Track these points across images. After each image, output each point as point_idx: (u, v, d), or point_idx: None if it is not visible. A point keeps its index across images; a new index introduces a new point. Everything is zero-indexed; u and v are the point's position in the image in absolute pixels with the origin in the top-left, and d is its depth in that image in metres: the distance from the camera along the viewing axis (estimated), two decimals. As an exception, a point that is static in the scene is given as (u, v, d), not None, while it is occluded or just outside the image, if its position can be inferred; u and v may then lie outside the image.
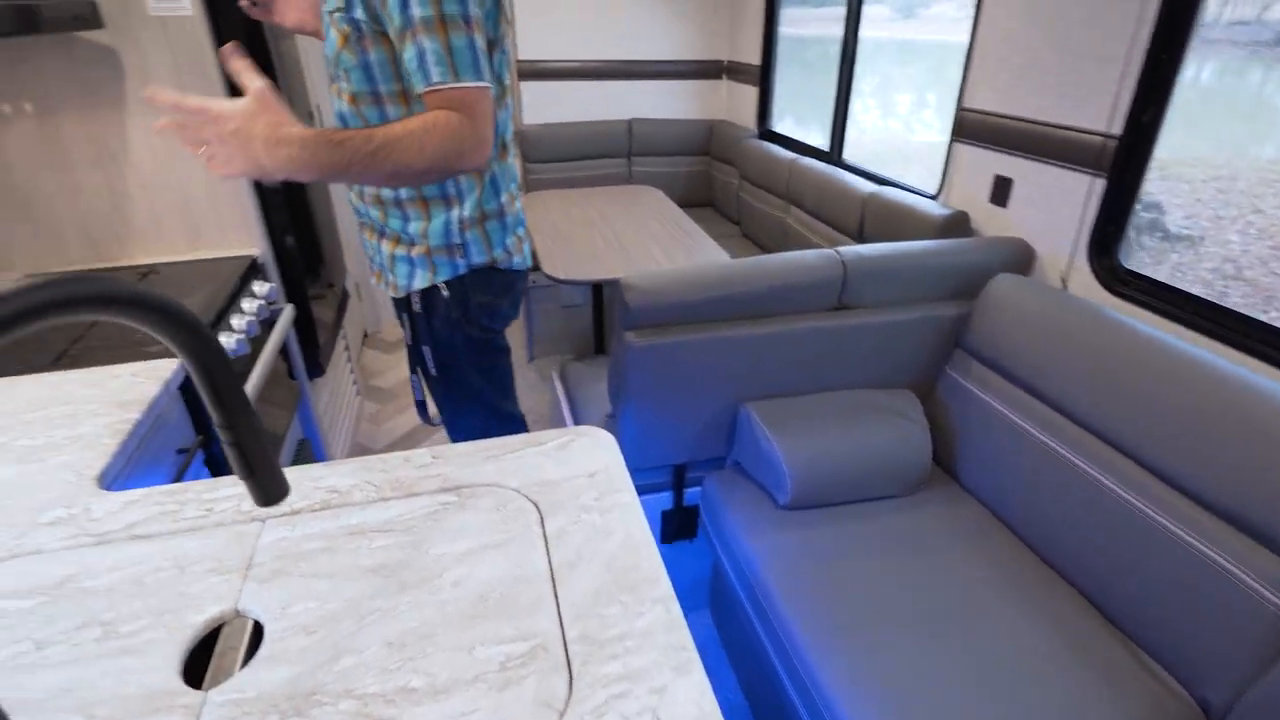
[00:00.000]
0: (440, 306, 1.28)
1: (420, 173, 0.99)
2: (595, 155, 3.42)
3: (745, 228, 3.22)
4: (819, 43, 5.26)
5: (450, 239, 1.22)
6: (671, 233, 2.35)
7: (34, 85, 1.50)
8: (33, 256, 1.65)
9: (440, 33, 0.96)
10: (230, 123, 0.89)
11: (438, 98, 0.98)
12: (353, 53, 1.06)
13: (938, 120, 9.70)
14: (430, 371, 1.37)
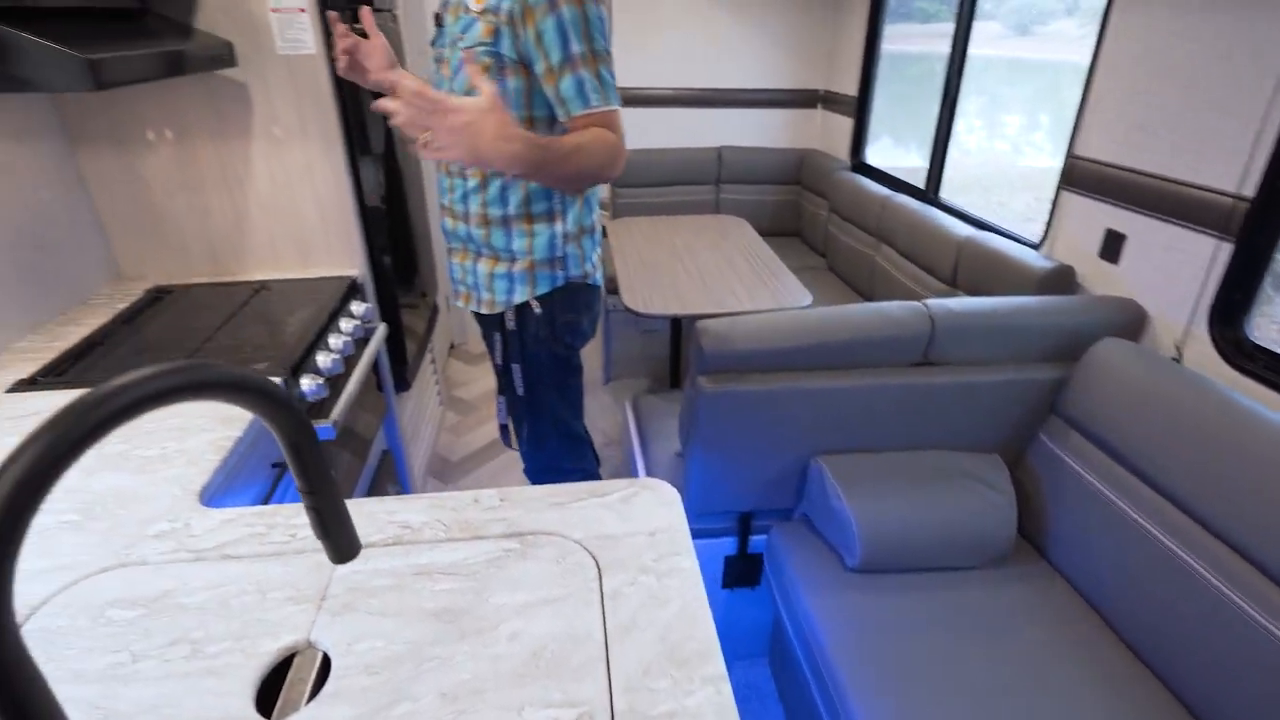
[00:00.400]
0: (531, 324, 1.37)
1: (589, 176, 1.16)
2: (684, 181, 3.44)
3: (832, 261, 3.15)
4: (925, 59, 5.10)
5: (554, 252, 1.33)
6: (755, 269, 2.33)
7: (176, 116, 1.65)
8: (163, 268, 1.81)
9: (593, 65, 1.13)
10: (464, 116, 0.99)
11: (592, 119, 1.14)
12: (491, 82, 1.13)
13: (1049, 143, 9.17)
14: (517, 390, 1.44)
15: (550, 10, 1.11)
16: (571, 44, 1.12)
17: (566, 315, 1.38)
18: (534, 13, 1.11)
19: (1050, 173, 1.83)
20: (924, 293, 2.29)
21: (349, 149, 1.77)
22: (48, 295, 1.55)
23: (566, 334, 1.40)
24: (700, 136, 3.50)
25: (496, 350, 1.44)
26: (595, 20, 1.14)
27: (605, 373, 3.12)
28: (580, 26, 1.12)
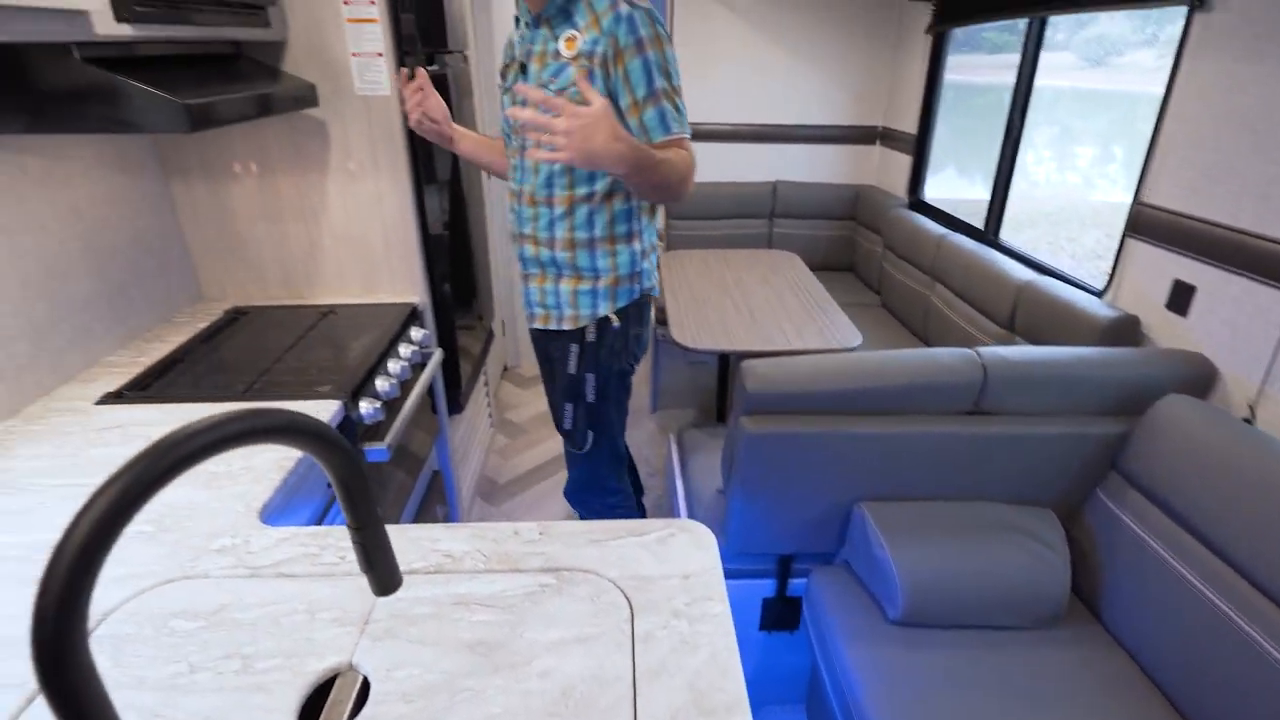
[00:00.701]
0: (609, 336, 1.52)
1: (672, 186, 1.30)
2: (737, 215, 3.47)
3: (885, 298, 3.11)
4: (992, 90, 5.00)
5: (634, 268, 1.51)
6: (806, 307, 2.32)
7: (261, 151, 1.77)
8: (242, 290, 1.93)
9: (672, 98, 1.32)
10: (584, 119, 1.14)
11: (670, 143, 1.32)
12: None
13: (1124, 176, 8.81)
14: (588, 398, 1.57)
15: (638, 53, 1.28)
16: (655, 80, 1.29)
17: (636, 328, 1.55)
18: (624, 55, 1.28)
19: (1122, 208, 1.78)
20: (980, 336, 2.23)
21: (416, 181, 1.86)
22: (138, 313, 1.67)
23: (635, 346, 1.57)
24: (755, 171, 3.53)
25: (571, 361, 1.56)
26: (672, 60, 1.32)
27: (653, 401, 3.14)
28: (662, 66, 1.30)
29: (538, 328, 1.59)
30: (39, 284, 1.39)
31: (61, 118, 1.17)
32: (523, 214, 1.51)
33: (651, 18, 1.28)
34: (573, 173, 1.41)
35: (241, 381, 1.46)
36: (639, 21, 1.27)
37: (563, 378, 1.59)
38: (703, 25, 3.27)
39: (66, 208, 1.46)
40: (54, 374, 1.42)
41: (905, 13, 3.17)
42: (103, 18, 1.07)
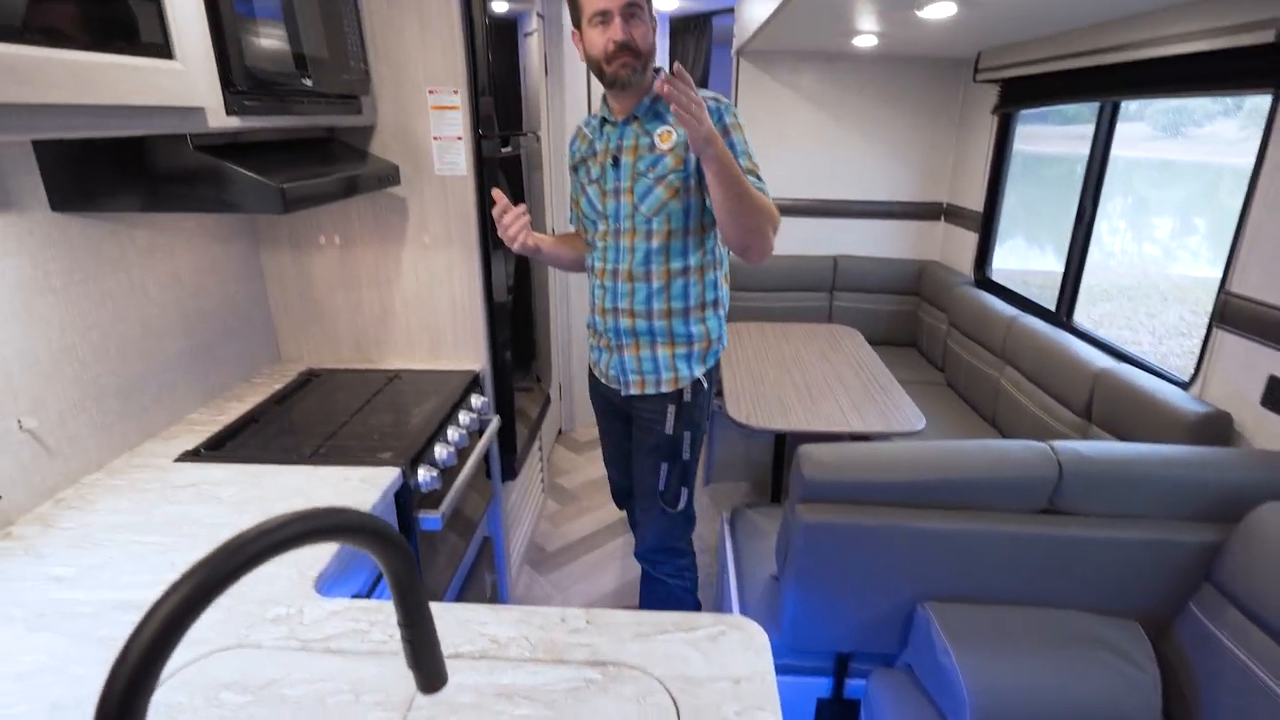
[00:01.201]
0: (700, 395, 1.65)
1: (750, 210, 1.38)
2: (797, 288, 3.46)
3: (951, 377, 3.01)
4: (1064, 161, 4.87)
5: (720, 331, 1.66)
6: (866, 387, 2.27)
7: (345, 225, 1.89)
8: (316, 353, 2.03)
9: (756, 173, 1.47)
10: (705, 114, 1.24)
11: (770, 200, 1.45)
12: (680, 200, 1.50)
13: (1207, 249, 8.42)
14: (683, 456, 1.68)
15: (726, 136, 1.45)
16: (740, 159, 1.43)
17: (715, 388, 1.70)
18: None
19: (1206, 284, 1.69)
20: (1054, 424, 2.12)
21: (484, 254, 1.94)
22: (221, 373, 1.77)
23: (710, 404, 1.70)
24: (816, 244, 3.54)
25: (668, 421, 1.65)
26: (750, 145, 1.51)
27: (706, 473, 3.09)
28: (744, 148, 1.48)
29: (634, 394, 1.67)
30: (136, 345, 1.49)
31: (172, 198, 1.28)
32: (619, 290, 1.61)
33: (733, 109, 1.48)
34: (669, 250, 1.54)
35: (309, 445, 1.51)
36: (724, 111, 1.46)
37: (659, 440, 1.67)
38: (766, 103, 3.37)
39: (168, 275, 1.58)
40: (140, 430, 1.51)
41: (969, 92, 3.19)
42: (215, 113, 1.18)
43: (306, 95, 1.43)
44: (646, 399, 1.67)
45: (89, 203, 1.30)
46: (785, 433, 2.03)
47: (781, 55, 3.26)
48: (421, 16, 1.70)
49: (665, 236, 1.53)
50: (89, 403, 1.37)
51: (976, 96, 3.11)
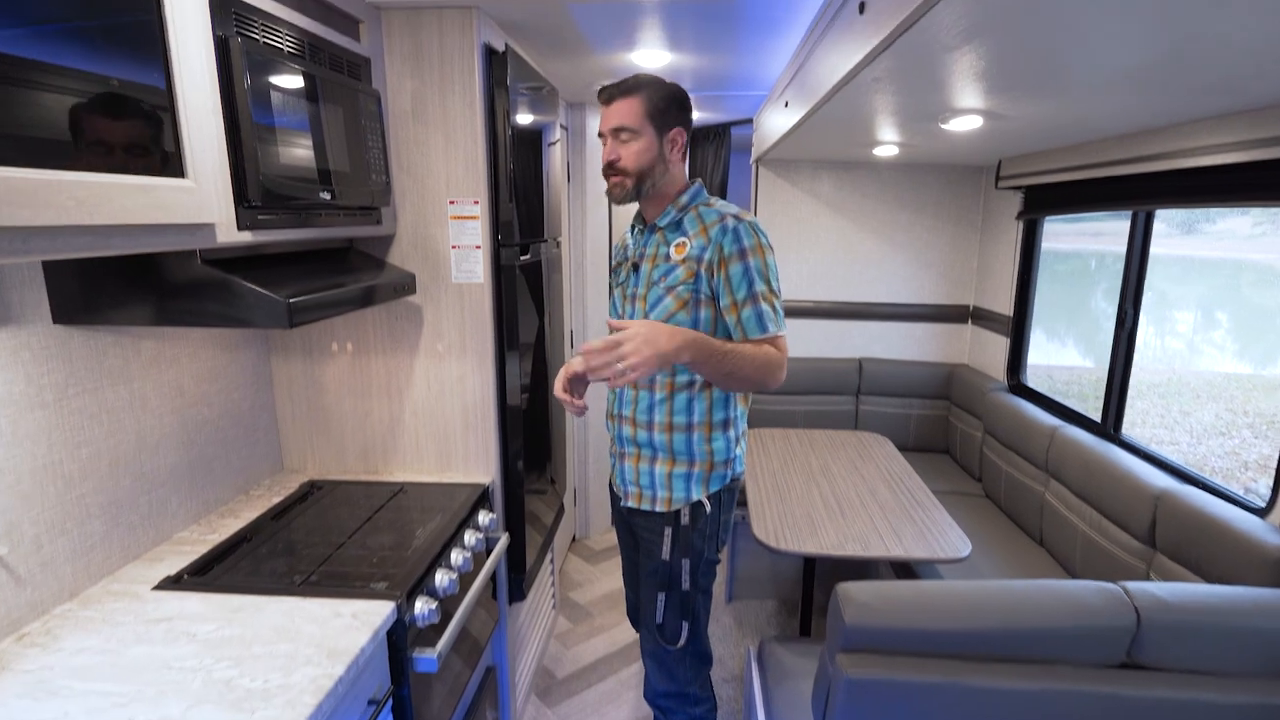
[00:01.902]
0: (701, 519, 1.52)
1: (744, 379, 1.37)
2: (822, 391, 3.36)
3: (989, 487, 2.84)
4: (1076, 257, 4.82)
5: (728, 454, 1.53)
6: (901, 501, 2.12)
7: (359, 332, 1.85)
8: (321, 463, 1.94)
9: (770, 300, 1.40)
10: (637, 338, 1.26)
11: (768, 340, 1.39)
12: (688, 313, 1.44)
13: (1232, 343, 8.24)
14: (683, 585, 1.54)
15: (740, 259, 1.39)
16: (755, 284, 1.39)
17: (726, 513, 1.55)
18: (727, 262, 1.40)
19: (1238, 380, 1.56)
20: (1113, 549, 1.94)
21: (499, 362, 1.87)
22: (217, 485, 1.68)
23: (723, 531, 1.56)
24: (840, 347, 3.46)
25: (664, 545, 1.54)
26: (773, 267, 1.43)
27: (729, 589, 2.88)
28: (762, 271, 1.40)
29: (630, 506, 1.59)
30: (129, 460, 1.41)
31: (178, 313, 1.24)
32: (624, 395, 1.56)
33: (755, 229, 1.41)
34: None
35: (301, 570, 1.40)
36: (743, 232, 1.40)
37: (656, 565, 1.56)
38: (786, 209, 3.39)
39: (170, 385, 1.53)
40: (123, 552, 1.41)
41: (991, 197, 3.19)
42: (226, 228, 1.15)
43: (325, 208, 1.42)
44: (643, 515, 1.58)
45: (93, 315, 1.26)
46: (816, 557, 1.86)
47: (800, 163, 3.31)
48: (447, 132, 1.72)
49: None
50: (70, 525, 1.28)
51: (999, 201, 3.10)
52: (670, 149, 1.47)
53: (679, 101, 1.46)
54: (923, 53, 1.15)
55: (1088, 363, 7.74)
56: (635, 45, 2.05)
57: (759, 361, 1.36)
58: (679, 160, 1.49)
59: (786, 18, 1.71)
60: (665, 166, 1.47)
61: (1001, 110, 1.61)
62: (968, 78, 1.31)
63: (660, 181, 1.47)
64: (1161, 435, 6.53)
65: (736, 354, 1.35)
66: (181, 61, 1.01)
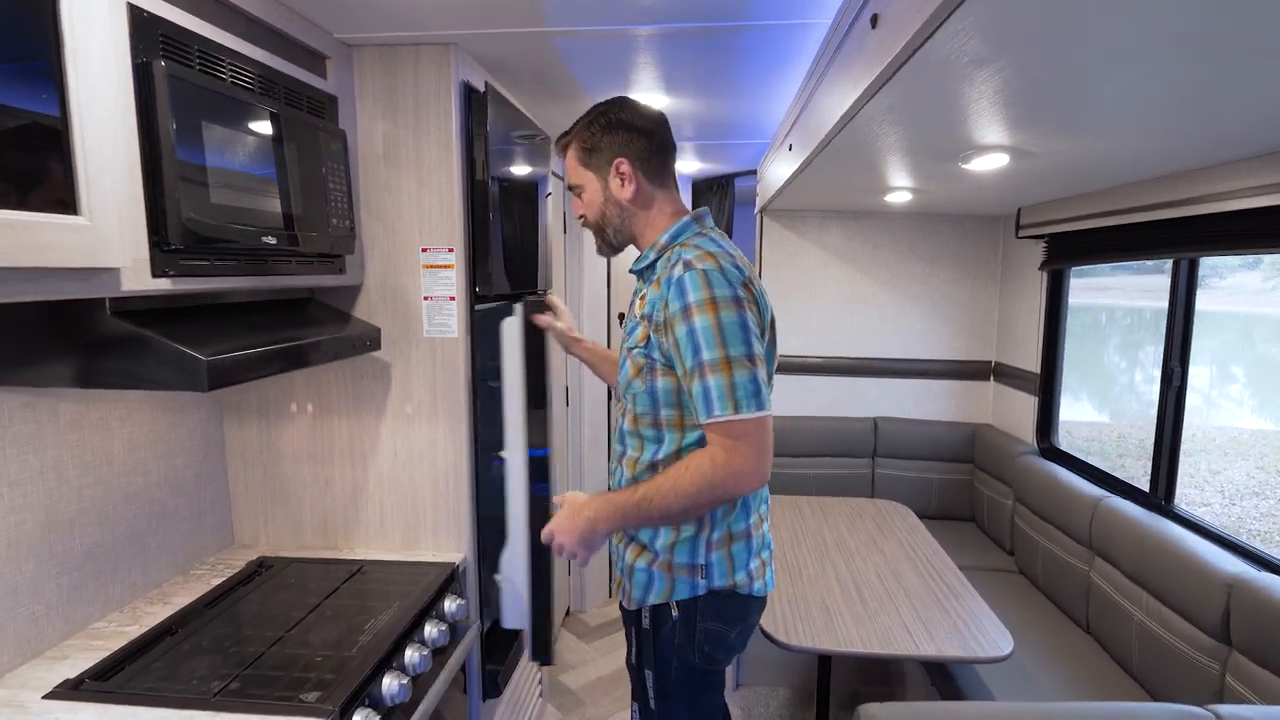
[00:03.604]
0: (667, 628, 1.26)
1: (685, 510, 1.13)
2: (835, 453, 3.13)
3: (1022, 562, 2.57)
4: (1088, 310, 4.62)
5: (694, 559, 1.23)
6: (930, 588, 1.87)
7: (321, 391, 1.68)
8: (275, 537, 1.74)
9: (724, 372, 1.08)
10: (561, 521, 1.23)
11: (718, 428, 1.09)
12: (643, 381, 1.21)
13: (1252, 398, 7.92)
14: (649, 703, 1.31)
15: (684, 319, 1.11)
16: (702, 351, 1.10)
17: (711, 623, 1.25)
18: (673, 321, 1.13)
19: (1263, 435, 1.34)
20: (1176, 642, 1.68)
21: (474, 426, 1.69)
22: (150, 566, 1.48)
23: (707, 644, 1.26)
24: (853, 405, 3.25)
25: (631, 649, 1.35)
26: (731, 326, 1.09)
27: (735, 676, 2.60)
28: (712, 334, 1.09)
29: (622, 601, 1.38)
30: (33, 541, 1.23)
31: (89, 372, 1.07)
32: (610, 464, 1.41)
33: (707, 280, 1.10)
34: (640, 436, 1.26)
35: (222, 674, 1.18)
36: (689, 285, 1.10)
37: (630, 666, 1.37)
38: (792, 260, 3.24)
39: (95, 453, 1.35)
40: (19, 649, 1.21)
41: (1011, 248, 3.03)
42: (135, 275, 0.99)
43: (271, 255, 1.26)
44: (620, 608, 1.39)
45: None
46: (834, 654, 1.61)
47: (808, 214, 3.18)
48: (421, 176, 1.58)
49: (634, 420, 1.25)
50: (-56, 621, 1.08)
51: (1019, 252, 2.94)
52: (620, 185, 1.24)
53: (609, 124, 1.23)
54: (941, 74, 0.99)
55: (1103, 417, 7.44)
56: (630, 86, 1.94)
57: (687, 485, 1.09)
58: (637, 190, 1.24)
59: (790, 49, 1.58)
60: (619, 207, 1.26)
61: (1029, 146, 1.45)
62: (991, 106, 1.15)
63: (626, 224, 1.27)
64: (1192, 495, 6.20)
65: (654, 495, 1.13)
66: (80, 83, 0.87)
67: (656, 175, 1.26)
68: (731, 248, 1.21)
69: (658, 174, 1.26)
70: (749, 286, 1.14)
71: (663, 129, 1.26)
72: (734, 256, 1.18)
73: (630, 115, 1.24)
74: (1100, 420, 7.17)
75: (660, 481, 1.13)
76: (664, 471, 1.15)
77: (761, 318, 1.16)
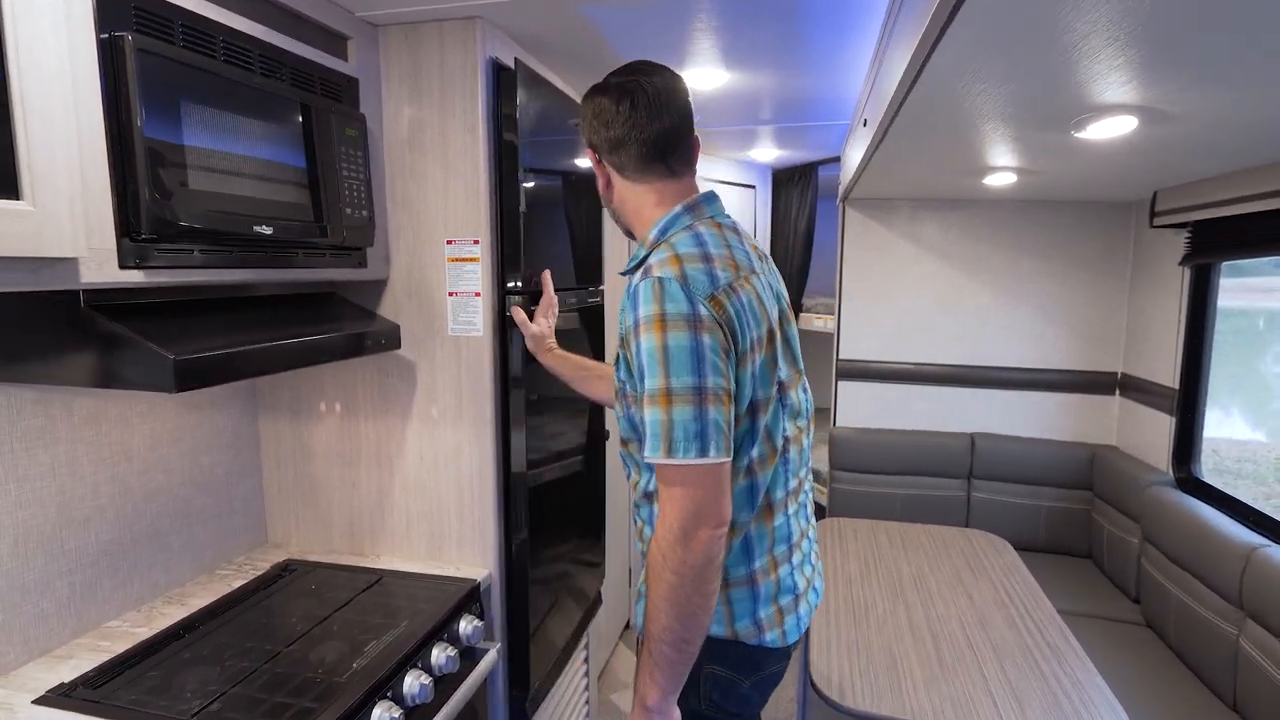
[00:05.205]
0: None
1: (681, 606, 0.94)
2: (921, 472, 2.80)
3: (1149, 612, 2.17)
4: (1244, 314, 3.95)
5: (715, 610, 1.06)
6: (1024, 640, 1.56)
7: (348, 390, 1.61)
8: (305, 539, 1.70)
9: (664, 405, 0.92)
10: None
11: (656, 473, 0.98)
12: (621, 408, 1.09)
13: None
14: None
15: (635, 336, 0.96)
16: (648, 378, 0.94)
17: (714, 667, 1.10)
18: (629, 337, 0.98)
19: None
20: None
21: (502, 433, 1.57)
22: (172, 566, 1.46)
23: (715, 691, 1.12)
24: (947, 419, 2.90)
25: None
26: (678, 353, 0.91)
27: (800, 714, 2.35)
28: (656, 359, 0.93)
29: None
30: (43, 537, 1.21)
31: (57, 367, 1.02)
32: None
33: (661, 291, 0.93)
34: (632, 454, 1.12)
35: (206, 693, 1.11)
36: (640, 297, 0.94)
37: None
38: (879, 256, 2.94)
39: (113, 448, 1.33)
40: (24, 648, 1.19)
41: (1144, 240, 2.59)
42: (98, 265, 0.91)
43: (270, 246, 1.18)
44: None
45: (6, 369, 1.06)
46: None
47: (896, 203, 2.87)
48: (446, 161, 1.47)
49: (623, 443, 1.14)
50: (-61, 617, 1.06)
51: (1154, 245, 2.51)
52: (598, 177, 1.15)
53: (593, 109, 1.08)
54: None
55: (1259, 435, 6.45)
56: (683, 62, 1.75)
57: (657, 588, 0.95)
58: (608, 182, 1.12)
59: (863, 6, 1.35)
60: (609, 195, 1.14)
61: (1166, 104, 1.14)
62: (1107, 45, 0.88)
63: (618, 216, 1.16)
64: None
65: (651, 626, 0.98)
66: (21, 56, 0.79)
67: (639, 167, 1.07)
68: (717, 244, 1.01)
69: (640, 165, 1.07)
70: (721, 298, 0.94)
71: (649, 113, 1.04)
72: (712, 259, 0.98)
73: (606, 96, 1.06)
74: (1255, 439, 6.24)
75: (646, 608, 1.01)
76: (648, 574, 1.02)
77: (740, 337, 0.95)
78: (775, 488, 1.07)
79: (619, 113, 1.04)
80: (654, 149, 1.05)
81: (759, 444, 1.02)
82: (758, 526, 1.07)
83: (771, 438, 1.03)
